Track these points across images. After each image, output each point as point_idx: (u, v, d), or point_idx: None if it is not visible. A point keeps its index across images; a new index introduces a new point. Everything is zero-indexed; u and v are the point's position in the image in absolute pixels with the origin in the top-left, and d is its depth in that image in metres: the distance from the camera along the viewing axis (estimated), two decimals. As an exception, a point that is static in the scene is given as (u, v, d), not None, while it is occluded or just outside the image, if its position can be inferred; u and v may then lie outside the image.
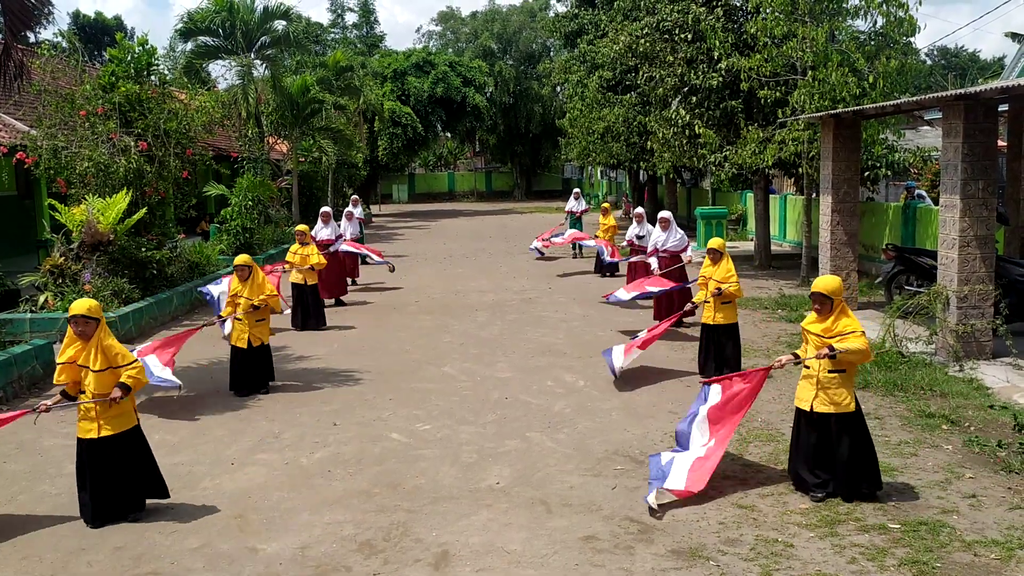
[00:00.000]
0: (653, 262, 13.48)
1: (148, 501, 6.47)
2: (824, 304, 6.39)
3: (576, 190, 25.38)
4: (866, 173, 17.86)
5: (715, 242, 9.99)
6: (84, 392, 6.23)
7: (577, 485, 6.84)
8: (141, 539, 6.01)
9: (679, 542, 5.75)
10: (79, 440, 6.33)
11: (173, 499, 6.67)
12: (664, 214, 13.66)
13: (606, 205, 20.50)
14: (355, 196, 23.75)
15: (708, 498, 6.46)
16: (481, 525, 6.12)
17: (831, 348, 6.24)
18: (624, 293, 12.95)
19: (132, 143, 14.94)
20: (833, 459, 6.37)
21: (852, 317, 6.40)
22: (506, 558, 5.60)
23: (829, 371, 6.35)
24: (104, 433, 6.23)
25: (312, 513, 6.40)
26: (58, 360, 6.36)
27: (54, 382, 6.41)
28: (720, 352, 9.95)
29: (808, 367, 6.47)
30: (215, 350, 11.97)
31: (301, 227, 13.81)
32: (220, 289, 12.27)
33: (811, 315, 6.56)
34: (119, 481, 6.26)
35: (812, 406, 6.42)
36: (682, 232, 13.65)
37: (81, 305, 6.23)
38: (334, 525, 6.18)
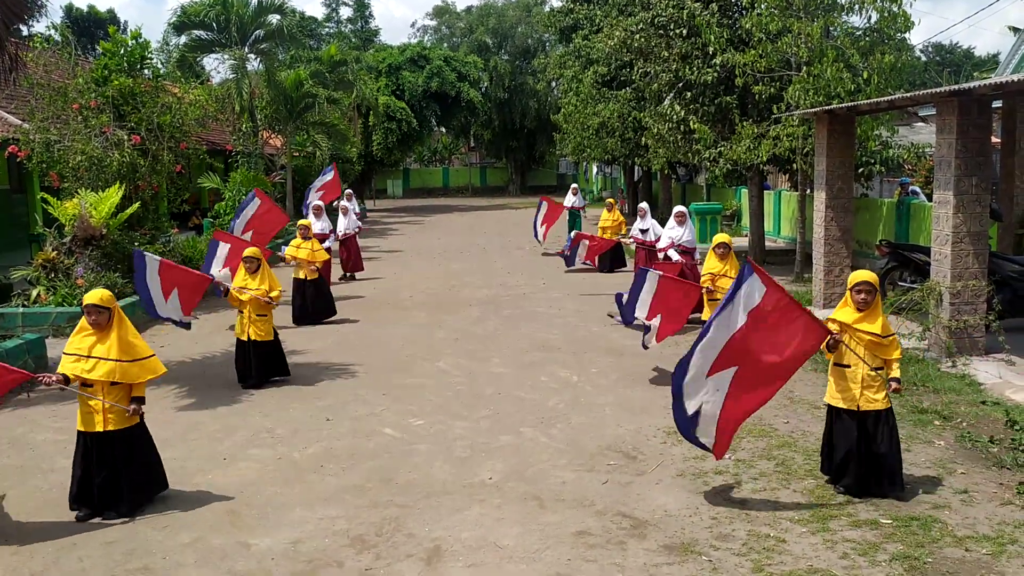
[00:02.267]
0: (673, 255, 13.50)
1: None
2: (871, 295, 6.31)
3: (574, 185, 25.38)
4: (860, 169, 17.87)
5: (724, 237, 10.08)
6: (91, 385, 6.18)
7: (570, 480, 6.84)
8: (133, 534, 6.00)
9: (671, 537, 5.76)
10: (81, 433, 6.29)
11: (165, 493, 6.66)
12: (680, 209, 13.76)
13: (611, 201, 20.45)
14: (349, 191, 23.77)
15: (700, 493, 6.48)
16: (474, 520, 6.12)
17: (896, 381, 6.37)
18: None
19: (125, 137, 14.90)
20: (871, 458, 6.36)
21: (883, 314, 6.38)
22: (498, 553, 5.60)
23: (873, 369, 6.33)
24: (108, 427, 6.21)
25: (305, 508, 6.39)
26: (64, 350, 6.26)
27: (59, 370, 6.22)
28: None
29: (849, 365, 6.39)
30: (209, 346, 11.95)
31: (304, 221, 13.90)
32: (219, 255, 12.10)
33: (846, 310, 6.44)
34: (119, 477, 6.24)
35: (859, 405, 6.34)
36: (692, 227, 13.82)
37: (95, 295, 6.24)
38: (327, 520, 6.17)
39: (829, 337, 6.29)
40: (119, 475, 6.24)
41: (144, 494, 6.42)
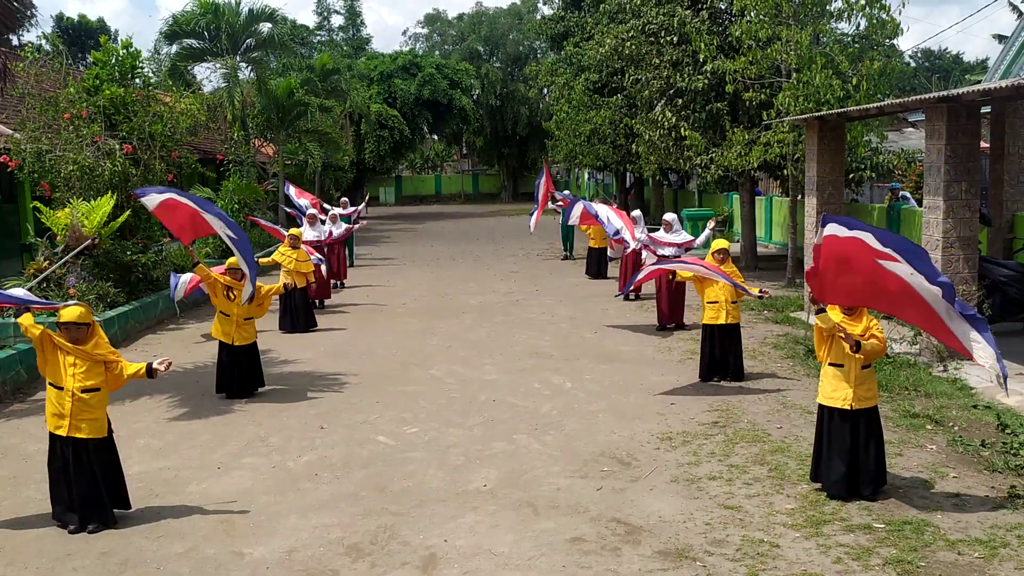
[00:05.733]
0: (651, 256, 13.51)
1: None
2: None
3: (566, 192, 25.43)
4: (850, 175, 17.96)
5: (722, 243, 10.16)
6: (62, 389, 6.14)
7: (564, 487, 6.85)
8: (127, 544, 5.98)
9: (665, 543, 5.77)
10: (51, 435, 6.26)
11: (159, 504, 6.65)
12: (668, 217, 13.70)
13: None
14: (345, 199, 23.87)
15: (694, 499, 6.49)
16: (468, 527, 6.12)
17: (857, 343, 6.30)
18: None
19: (117, 146, 14.87)
20: (859, 457, 6.43)
21: (871, 317, 6.53)
22: (493, 560, 5.61)
23: (863, 367, 6.42)
24: (75, 434, 6.15)
25: (299, 517, 6.38)
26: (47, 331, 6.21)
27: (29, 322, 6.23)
28: (724, 356, 9.96)
29: (843, 364, 6.47)
30: (201, 355, 11.93)
31: (294, 231, 13.89)
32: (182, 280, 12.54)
33: (835, 311, 6.54)
34: (87, 488, 6.19)
35: (852, 404, 6.43)
36: (684, 232, 13.75)
37: (72, 313, 6.14)
38: (321, 528, 6.17)
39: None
40: (94, 485, 6.19)
41: (111, 506, 6.33)
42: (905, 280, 5.95)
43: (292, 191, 21.63)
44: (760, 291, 10.21)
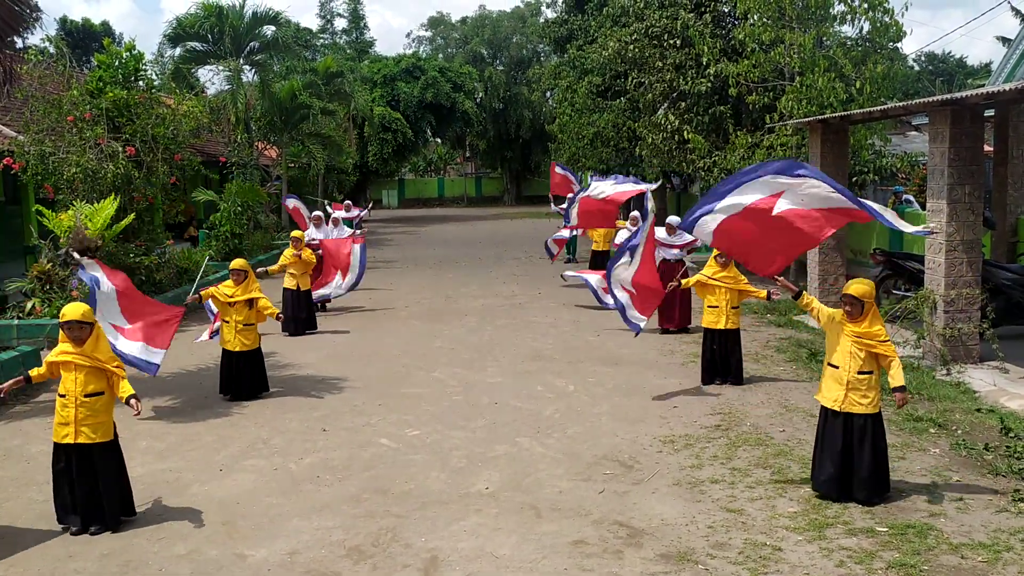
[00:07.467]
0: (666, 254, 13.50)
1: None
2: (855, 307, 6.40)
3: (570, 196, 25.40)
4: (853, 178, 17.94)
5: None
6: (65, 396, 6.16)
7: (566, 490, 6.84)
8: (129, 546, 5.98)
9: (668, 546, 5.76)
10: (55, 444, 6.27)
11: (161, 505, 6.65)
12: (672, 219, 13.66)
13: None
14: (348, 201, 23.92)
15: (696, 502, 6.48)
16: (470, 530, 6.11)
17: (900, 391, 6.48)
18: (592, 279, 14.50)
19: (120, 148, 14.89)
20: (853, 461, 6.41)
21: (880, 321, 6.48)
22: (495, 563, 5.60)
23: (858, 372, 6.41)
24: (80, 439, 6.16)
25: (301, 519, 6.38)
26: (47, 359, 6.34)
27: (34, 374, 6.43)
28: (725, 359, 9.95)
29: (839, 366, 6.48)
30: (204, 357, 11.93)
31: (297, 233, 13.91)
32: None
33: (841, 312, 6.56)
34: (90, 491, 6.19)
35: (842, 407, 6.45)
36: (686, 234, 13.64)
37: (75, 310, 6.20)
38: (323, 531, 6.16)
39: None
40: (97, 488, 6.19)
41: (115, 513, 6.30)
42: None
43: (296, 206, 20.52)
44: (769, 293, 10.18)
